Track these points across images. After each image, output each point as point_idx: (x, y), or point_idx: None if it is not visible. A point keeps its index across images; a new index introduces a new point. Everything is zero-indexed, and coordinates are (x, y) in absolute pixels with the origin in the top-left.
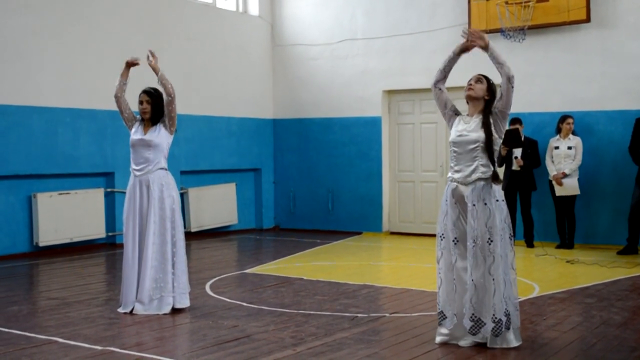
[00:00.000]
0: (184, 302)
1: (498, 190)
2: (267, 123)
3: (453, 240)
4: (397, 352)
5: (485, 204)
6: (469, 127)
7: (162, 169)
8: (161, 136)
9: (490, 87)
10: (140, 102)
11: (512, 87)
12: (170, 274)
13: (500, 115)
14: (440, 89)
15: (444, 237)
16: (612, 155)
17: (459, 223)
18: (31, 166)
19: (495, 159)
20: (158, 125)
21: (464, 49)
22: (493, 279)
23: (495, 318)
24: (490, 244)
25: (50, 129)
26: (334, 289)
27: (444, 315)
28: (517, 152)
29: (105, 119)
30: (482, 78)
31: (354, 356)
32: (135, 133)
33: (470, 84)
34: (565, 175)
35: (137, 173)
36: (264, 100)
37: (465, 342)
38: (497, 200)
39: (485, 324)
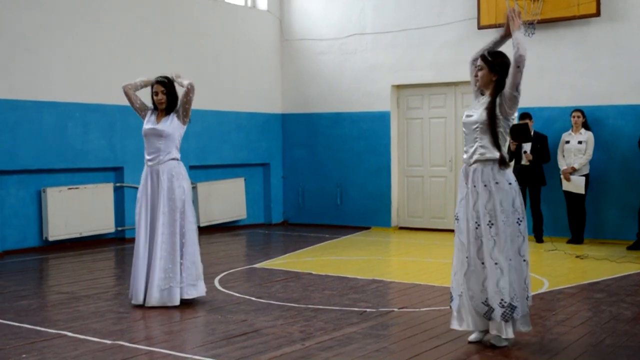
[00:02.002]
0: (192, 293)
1: (505, 173)
2: (275, 118)
3: (456, 218)
4: (405, 346)
5: (485, 185)
6: (475, 108)
7: (173, 159)
8: (173, 126)
9: (494, 68)
10: (156, 93)
11: (519, 67)
12: (179, 265)
13: (507, 96)
14: (475, 66)
15: (458, 219)
16: (622, 149)
17: (465, 202)
18: (41, 161)
19: (500, 142)
20: (171, 115)
21: (507, 33)
22: (496, 264)
23: (504, 303)
24: (490, 227)
25: (60, 123)
26: (342, 283)
27: (451, 296)
28: (527, 147)
29: (115, 113)
30: (481, 64)
31: (362, 351)
32: (148, 122)
33: (476, 75)
34: (574, 170)
35: (149, 163)
36: (273, 94)
37: (474, 337)
38: (497, 183)
39: (494, 309)
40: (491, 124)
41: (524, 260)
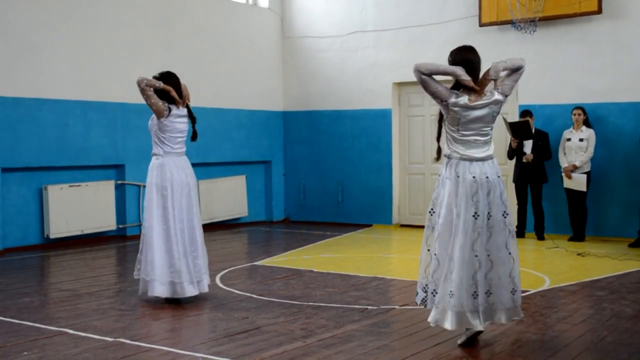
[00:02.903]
0: (156, 291)
1: (451, 164)
2: (277, 115)
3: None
4: (406, 344)
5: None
6: None
7: (153, 154)
8: (152, 122)
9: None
10: None
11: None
12: (145, 260)
13: None
14: None
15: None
16: (624, 147)
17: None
18: (42, 158)
19: (443, 137)
20: None
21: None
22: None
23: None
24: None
25: (61, 121)
26: (343, 281)
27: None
28: (528, 144)
29: (116, 111)
30: None
31: (363, 348)
32: None
33: None
34: (575, 168)
35: None
36: (274, 92)
37: (461, 339)
38: (458, 176)
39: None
40: (439, 120)
41: (476, 257)
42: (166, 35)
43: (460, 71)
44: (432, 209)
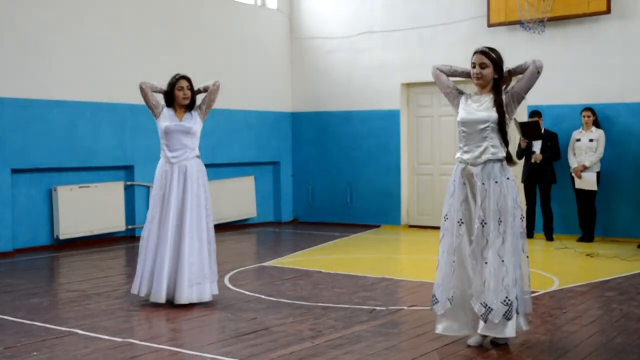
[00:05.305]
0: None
1: (509, 168)
2: (285, 116)
3: (458, 222)
4: (415, 345)
5: (497, 182)
6: (479, 106)
7: (198, 156)
8: (198, 123)
9: (497, 65)
10: (181, 88)
11: (539, 74)
12: (207, 261)
13: (516, 97)
14: (441, 71)
15: (447, 218)
16: (633, 147)
17: (466, 204)
18: (52, 159)
19: (509, 140)
20: (192, 112)
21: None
22: (502, 261)
23: (508, 301)
24: (500, 224)
25: (71, 122)
26: (352, 281)
27: (437, 299)
28: (537, 145)
29: (125, 112)
30: (485, 62)
31: (372, 349)
32: (168, 119)
33: (478, 73)
34: (585, 168)
35: (174, 160)
36: (283, 93)
37: (473, 340)
38: (508, 179)
39: (492, 309)
40: (502, 123)
41: (527, 257)
42: (175, 36)
43: None
44: (499, 218)
